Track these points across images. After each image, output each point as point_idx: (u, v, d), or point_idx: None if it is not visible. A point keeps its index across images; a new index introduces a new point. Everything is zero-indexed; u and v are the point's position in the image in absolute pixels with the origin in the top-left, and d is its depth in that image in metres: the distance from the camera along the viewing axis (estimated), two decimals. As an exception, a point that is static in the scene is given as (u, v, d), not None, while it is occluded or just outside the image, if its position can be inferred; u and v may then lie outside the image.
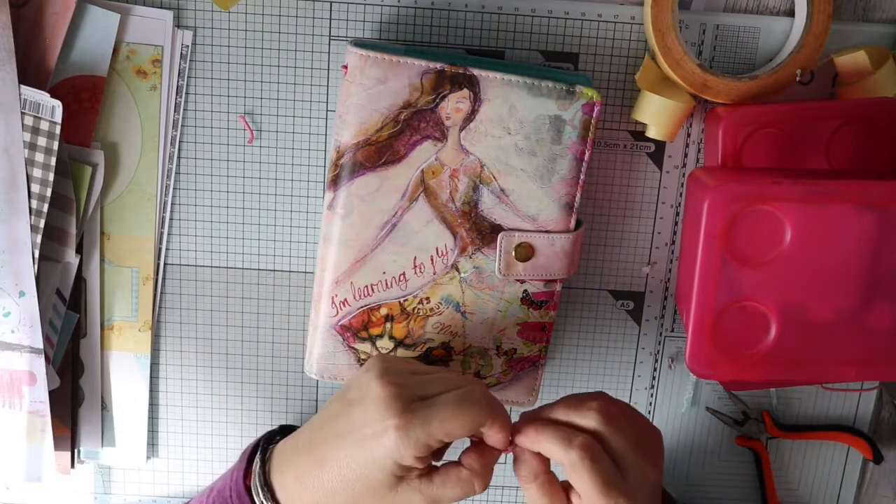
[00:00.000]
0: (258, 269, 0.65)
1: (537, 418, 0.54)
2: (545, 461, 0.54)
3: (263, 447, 0.57)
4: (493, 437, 0.52)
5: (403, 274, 0.59)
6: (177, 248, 0.64)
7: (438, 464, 0.54)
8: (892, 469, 0.69)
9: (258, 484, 0.54)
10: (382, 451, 0.49)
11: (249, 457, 0.57)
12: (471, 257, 0.59)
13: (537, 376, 0.64)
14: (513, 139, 0.57)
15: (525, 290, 0.61)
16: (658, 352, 0.68)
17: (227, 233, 0.64)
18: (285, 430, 0.59)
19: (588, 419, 0.52)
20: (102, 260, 0.64)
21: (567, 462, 0.51)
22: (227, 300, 0.65)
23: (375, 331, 0.60)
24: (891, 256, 0.54)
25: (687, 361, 0.56)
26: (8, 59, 0.56)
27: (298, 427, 0.58)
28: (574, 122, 0.57)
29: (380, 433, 0.49)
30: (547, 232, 0.59)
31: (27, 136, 0.58)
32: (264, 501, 0.53)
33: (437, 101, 0.56)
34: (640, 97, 0.60)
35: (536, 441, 0.53)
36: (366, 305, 0.60)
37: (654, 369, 0.68)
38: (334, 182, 0.58)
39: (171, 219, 0.63)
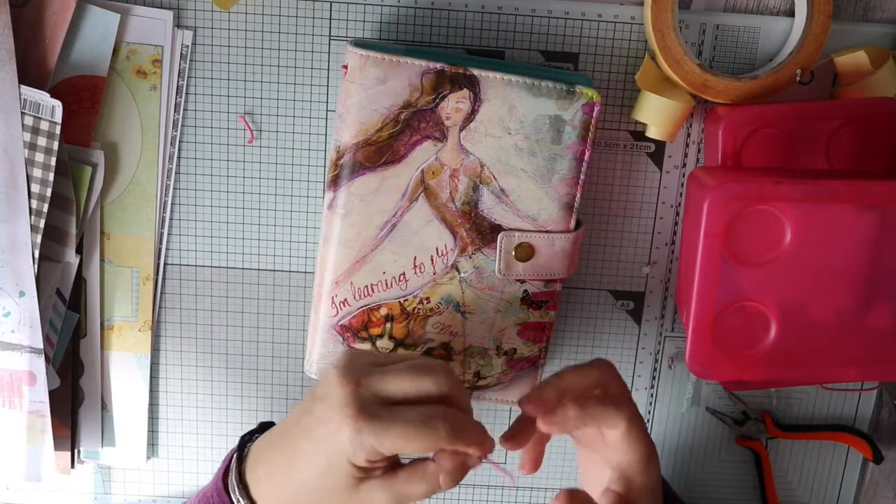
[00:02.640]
0: (258, 269, 0.65)
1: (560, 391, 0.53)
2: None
3: (241, 445, 0.57)
4: (458, 451, 0.50)
5: (403, 274, 0.59)
6: (177, 248, 0.64)
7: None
8: (892, 469, 0.69)
9: (234, 482, 0.54)
10: (336, 450, 0.48)
11: (230, 457, 0.57)
12: (471, 257, 0.59)
13: (537, 376, 0.63)
14: (513, 139, 0.57)
15: (525, 290, 0.61)
16: (658, 352, 0.68)
17: (227, 233, 0.64)
18: (264, 427, 0.59)
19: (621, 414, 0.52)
20: (102, 260, 0.64)
21: (624, 420, 0.52)
22: (227, 300, 0.65)
23: (375, 331, 0.60)
24: (891, 256, 0.54)
25: (687, 361, 0.56)
26: (8, 59, 0.56)
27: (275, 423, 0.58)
28: (574, 122, 0.57)
29: (334, 432, 0.48)
30: (547, 232, 0.59)
31: (27, 136, 0.58)
32: (240, 499, 0.53)
33: (437, 101, 0.56)
34: (640, 97, 0.60)
35: (581, 417, 0.52)
36: (366, 305, 0.60)
37: (654, 369, 0.68)
38: (334, 182, 0.58)
39: (171, 219, 0.63)
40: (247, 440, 0.57)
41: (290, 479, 0.51)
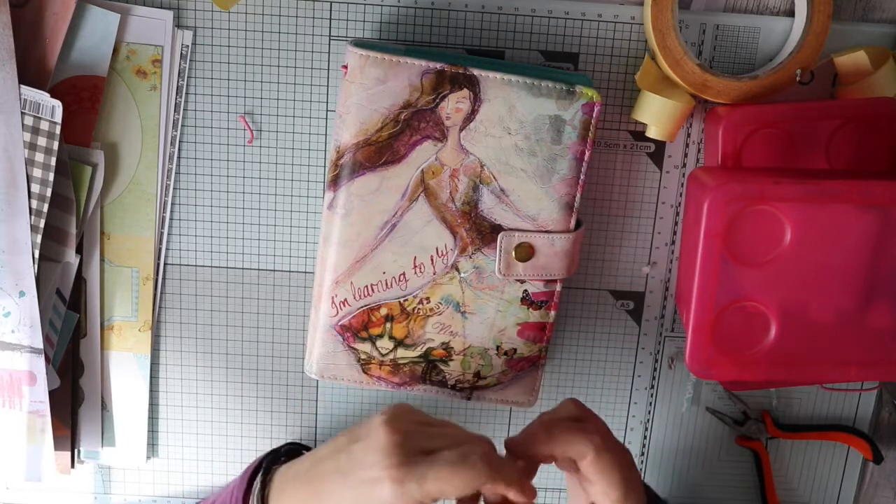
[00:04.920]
0: (258, 269, 0.65)
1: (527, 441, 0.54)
2: None
3: (266, 467, 0.56)
4: (491, 497, 0.51)
5: (403, 274, 0.59)
6: (177, 248, 0.64)
7: None
8: (892, 469, 0.69)
9: None
10: (377, 498, 0.48)
11: (251, 475, 0.57)
12: (471, 257, 0.59)
13: (537, 376, 0.63)
14: (513, 139, 0.57)
15: (525, 290, 0.61)
16: (658, 352, 0.68)
17: (227, 233, 0.64)
18: (291, 452, 0.58)
19: (590, 441, 0.52)
20: (102, 260, 0.64)
21: (592, 449, 0.51)
22: (227, 300, 0.65)
23: (375, 331, 0.60)
24: (891, 256, 0.54)
25: (687, 361, 0.56)
26: (8, 59, 0.56)
27: (304, 445, 0.57)
28: (574, 122, 0.57)
29: (376, 480, 0.48)
30: (547, 232, 0.59)
31: (27, 136, 0.58)
32: None
33: (437, 101, 0.56)
34: (640, 97, 0.60)
35: (548, 442, 0.52)
36: (366, 305, 0.60)
37: (654, 369, 0.68)
38: (334, 182, 0.58)
39: (171, 219, 0.63)
40: (271, 461, 0.57)
41: None
